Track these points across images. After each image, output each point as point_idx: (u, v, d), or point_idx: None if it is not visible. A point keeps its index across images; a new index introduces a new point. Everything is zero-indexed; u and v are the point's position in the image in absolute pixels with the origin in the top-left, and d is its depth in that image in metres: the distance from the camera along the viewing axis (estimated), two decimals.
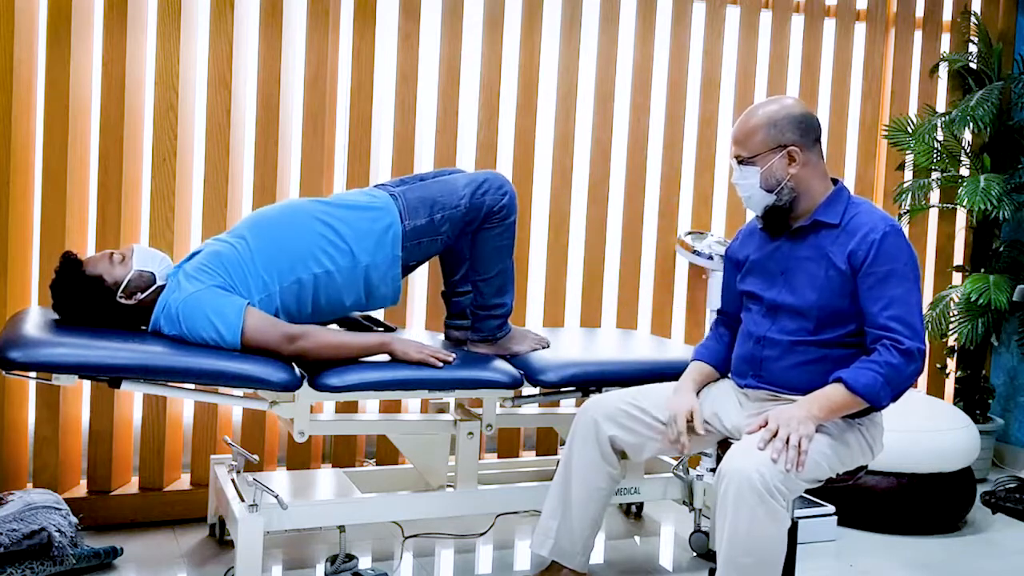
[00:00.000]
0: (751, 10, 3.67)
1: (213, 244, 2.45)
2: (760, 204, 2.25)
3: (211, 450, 3.03)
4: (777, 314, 2.26)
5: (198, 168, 3.03)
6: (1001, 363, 4.12)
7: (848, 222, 2.19)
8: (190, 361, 2.19)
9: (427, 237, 2.53)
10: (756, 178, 2.22)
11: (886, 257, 2.12)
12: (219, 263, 2.37)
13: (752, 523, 1.92)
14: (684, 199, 3.63)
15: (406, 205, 2.52)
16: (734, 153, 2.26)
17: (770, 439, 2.00)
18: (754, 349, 2.29)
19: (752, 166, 2.22)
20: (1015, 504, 3.13)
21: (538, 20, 3.36)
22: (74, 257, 2.37)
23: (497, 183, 2.56)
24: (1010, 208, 3.61)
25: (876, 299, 2.11)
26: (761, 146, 2.22)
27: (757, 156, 2.22)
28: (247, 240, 2.42)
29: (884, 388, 2.06)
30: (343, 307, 2.51)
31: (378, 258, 2.47)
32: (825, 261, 2.19)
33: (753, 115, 2.24)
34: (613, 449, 2.31)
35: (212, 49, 2.97)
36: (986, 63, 3.93)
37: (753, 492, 1.91)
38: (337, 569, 2.55)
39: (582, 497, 2.31)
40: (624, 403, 2.32)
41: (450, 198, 2.53)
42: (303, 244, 2.42)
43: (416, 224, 2.51)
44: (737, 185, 2.27)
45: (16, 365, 2.06)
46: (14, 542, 2.36)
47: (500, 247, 2.59)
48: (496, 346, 2.66)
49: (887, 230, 2.13)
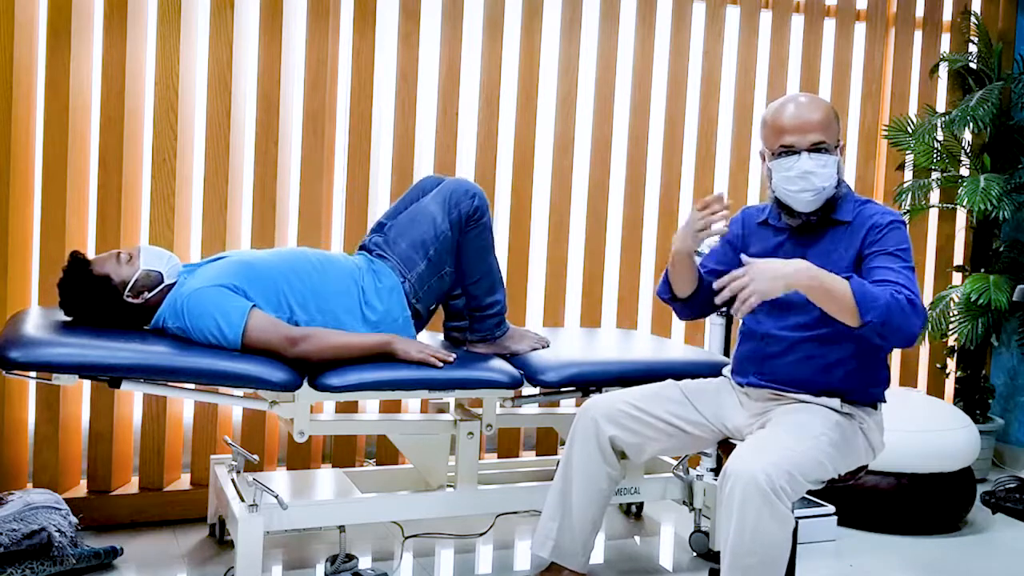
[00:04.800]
0: (751, 10, 3.67)
1: (245, 255, 2.48)
2: (825, 198, 2.17)
3: (211, 450, 3.03)
4: (781, 310, 2.25)
5: (198, 168, 3.03)
6: (1001, 363, 4.12)
7: (856, 218, 2.20)
8: (190, 361, 2.19)
9: (434, 277, 2.57)
10: (835, 167, 2.15)
11: (892, 240, 2.12)
12: (244, 270, 2.39)
13: (758, 524, 1.91)
14: (684, 199, 3.63)
15: (400, 259, 2.56)
16: (815, 140, 2.13)
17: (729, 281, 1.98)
18: (757, 346, 2.29)
19: (831, 155, 2.15)
20: (1015, 504, 3.13)
21: (538, 20, 3.36)
22: (82, 256, 2.38)
23: (462, 189, 2.57)
24: (1010, 208, 3.61)
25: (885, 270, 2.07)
26: (838, 133, 2.19)
27: (837, 145, 2.18)
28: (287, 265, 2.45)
29: (884, 308, 1.96)
30: None
31: (391, 325, 2.51)
32: (834, 256, 2.18)
33: (819, 102, 2.18)
34: (613, 449, 2.30)
35: (212, 49, 2.97)
36: (986, 63, 3.93)
37: (759, 493, 1.90)
38: (337, 569, 2.55)
39: (582, 498, 2.30)
40: (624, 403, 2.30)
41: (432, 229, 2.55)
42: (335, 298, 2.46)
43: (419, 272, 2.55)
44: (813, 175, 2.13)
45: (16, 365, 2.06)
46: (14, 542, 2.36)
47: (481, 247, 2.60)
48: (495, 345, 2.66)
49: (895, 219, 2.15)
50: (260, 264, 2.44)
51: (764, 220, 2.35)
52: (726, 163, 3.69)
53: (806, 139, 2.14)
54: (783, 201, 2.22)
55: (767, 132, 2.22)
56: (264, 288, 2.39)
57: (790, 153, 2.15)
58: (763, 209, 2.38)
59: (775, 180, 2.20)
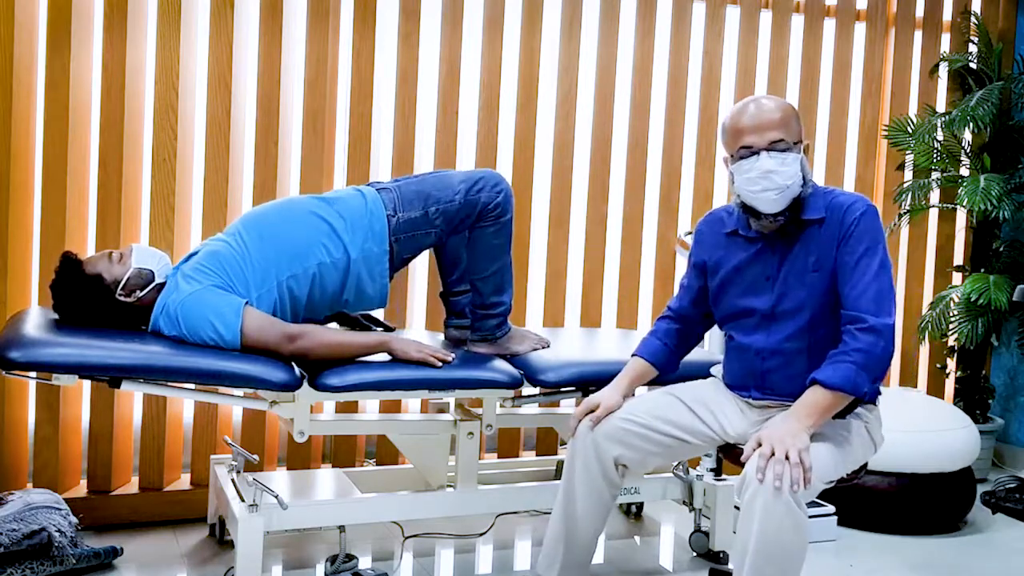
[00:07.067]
0: (751, 10, 3.67)
1: (210, 244, 2.46)
2: (791, 196, 2.11)
3: (211, 450, 3.03)
4: (773, 322, 2.19)
5: (198, 168, 3.03)
6: (1001, 363, 4.12)
7: (829, 213, 2.15)
8: (190, 361, 2.19)
9: (421, 230, 2.54)
10: (797, 164, 2.10)
11: (866, 234, 2.10)
12: (217, 262, 2.38)
13: (780, 532, 1.88)
14: (684, 199, 3.63)
15: (400, 197, 2.54)
16: (773, 138, 2.08)
17: (764, 464, 1.91)
18: (754, 362, 2.23)
19: (791, 152, 2.10)
20: (1015, 504, 3.13)
21: (538, 20, 3.36)
22: (74, 257, 2.38)
23: (493, 181, 2.57)
24: (1010, 208, 3.61)
25: (851, 281, 2.08)
26: (799, 131, 2.14)
27: (798, 142, 2.13)
28: (243, 236, 2.43)
29: (860, 375, 2.01)
30: (337, 302, 2.52)
31: (367, 252, 2.49)
32: (813, 256, 2.14)
33: (778, 102, 2.13)
34: (615, 467, 2.24)
35: (212, 49, 2.97)
36: (986, 63, 3.93)
37: (782, 500, 1.87)
38: (337, 569, 2.55)
39: (587, 519, 2.24)
40: (625, 420, 2.23)
41: (445, 192, 2.54)
42: (301, 238, 2.44)
43: (410, 216, 2.53)
44: (774, 173, 2.07)
45: (16, 365, 2.06)
46: (14, 542, 2.36)
47: (496, 245, 2.60)
48: (496, 346, 2.66)
49: (866, 209, 2.12)
50: (225, 250, 2.41)
51: (734, 231, 2.27)
52: None
53: (764, 138, 2.09)
54: (748, 204, 2.15)
55: (727, 137, 2.17)
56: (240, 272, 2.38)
57: (750, 154, 2.11)
58: (729, 214, 2.30)
59: (737, 183, 2.14)
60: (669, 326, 2.42)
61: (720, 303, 2.30)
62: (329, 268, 2.45)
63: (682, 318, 2.41)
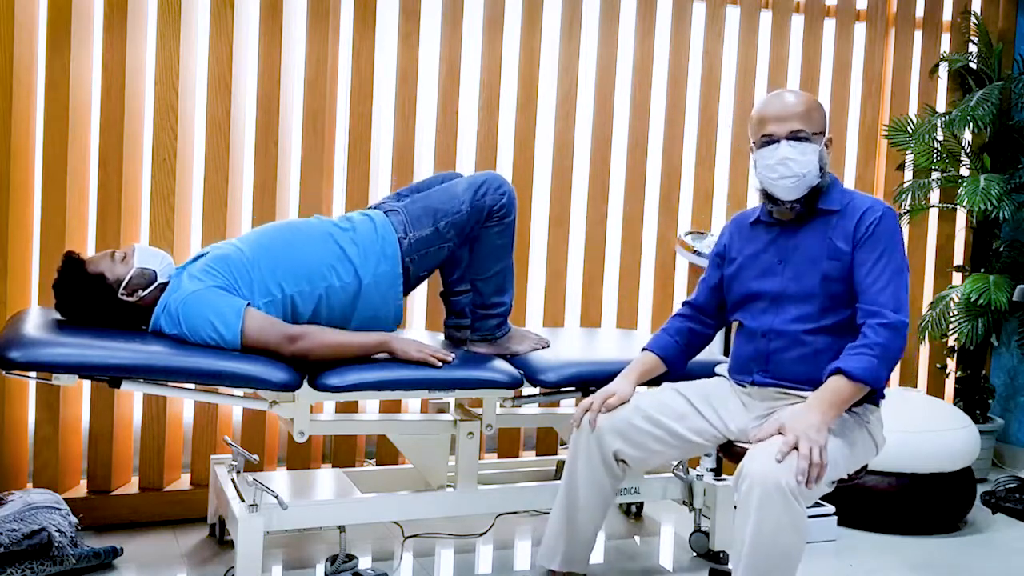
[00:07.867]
0: (751, 10, 3.67)
1: (221, 247, 2.47)
2: (807, 185, 2.20)
3: (211, 450, 3.03)
4: (781, 304, 2.25)
5: (198, 168, 3.03)
6: (1001, 363, 4.12)
7: (846, 207, 2.22)
8: (190, 361, 2.20)
9: (434, 246, 2.56)
10: (815, 155, 2.18)
11: (885, 235, 2.16)
12: (225, 266, 2.39)
13: (777, 528, 1.89)
14: (684, 199, 3.63)
15: (409, 218, 2.55)
16: (794, 127, 2.17)
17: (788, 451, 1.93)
18: (759, 344, 2.27)
19: (811, 143, 2.18)
20: (1015, 504, 3.13)
21: (538, 20, 3.36)
22: (76, 256, 2.39)
23: (496, 183, 2.58)
24: (1010, 208, 3.61)
25: (869, 278, 2.13)
26: (821, 124, 2.22)
27: (819, 134, 2.21)
28: (256, 247, 2.45)
29: (880, 368, 2.06)
30: (345, 324, 2.52)
31: (379, 277, 2.50)
32: (827, 244, 2.20)
33: (802, 95, 2.23)
34: (616, 461, 2.27)
35: (212, 49, 2.97)
36: (986, 63, 3.93)
37: (780, 495, 1.88)
38: (337, 569, 2.55)
39: (588, 511, 2.28)
40: (630, 415, 2.26)
41: (451, 203, 2.55)
42: (314, 258, 2.45)
43: (421, 235, 2.54)
44: (792, 161, 2.16)
45: (16, 365, 2.06)
46: (14, 542, 2.36)
47: (499, 246, 2.60)
48: (496, 346, 2.67)
49: (885, 211, 2.18)
50: (235, 255, 2.43)
51: (756, 219, 2.37)
52: (726, 162, 3.69)
53: (785, 127, 2.18)
54: (767, 191, 2.25)
55: (752, 126, 2.28)
56: (248, 280, 2.39)
57: (771, 142, 2.20)
58: (756, 210, 2.39)
59: (758, 169, 2.24)
60: (682, 324, 2.48)
61: (733, 288, 2.37)
62: (338, 291, 2.46)
63: (697, 309, 2.48)
